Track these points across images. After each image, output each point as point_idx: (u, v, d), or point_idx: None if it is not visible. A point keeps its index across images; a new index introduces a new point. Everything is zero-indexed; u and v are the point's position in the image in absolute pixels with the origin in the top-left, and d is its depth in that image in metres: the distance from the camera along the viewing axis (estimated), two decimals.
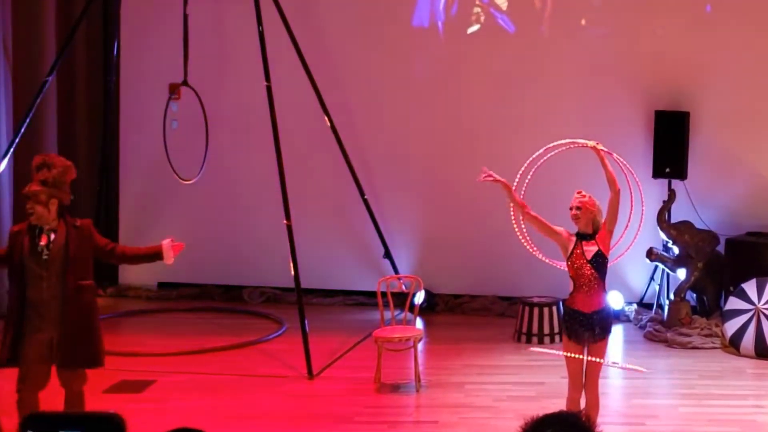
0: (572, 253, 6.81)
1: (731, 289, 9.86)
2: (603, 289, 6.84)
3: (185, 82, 9.73)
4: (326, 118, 10.31)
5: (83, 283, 6.62)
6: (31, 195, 6.62)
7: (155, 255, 6.84)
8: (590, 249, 6.79)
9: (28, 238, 6.61)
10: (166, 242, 6.82)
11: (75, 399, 6.70)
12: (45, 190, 6.59)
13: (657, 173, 10.33)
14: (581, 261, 6.78)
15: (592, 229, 6.85)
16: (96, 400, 7.46)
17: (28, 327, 6.55)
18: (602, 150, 7.03)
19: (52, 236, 6.58)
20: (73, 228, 6.62)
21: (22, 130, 9.81)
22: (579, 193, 6.94)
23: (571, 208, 6.87)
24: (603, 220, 6.89)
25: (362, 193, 10.52)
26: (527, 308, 9.87)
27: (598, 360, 6.75)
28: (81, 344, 6.62)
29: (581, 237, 6.84)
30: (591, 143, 7.10)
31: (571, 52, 10.74)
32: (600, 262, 6.80)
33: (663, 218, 10.13)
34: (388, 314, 8.70)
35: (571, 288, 6.89)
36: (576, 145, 7.24)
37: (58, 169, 6.66)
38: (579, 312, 6.80)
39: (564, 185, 8.61)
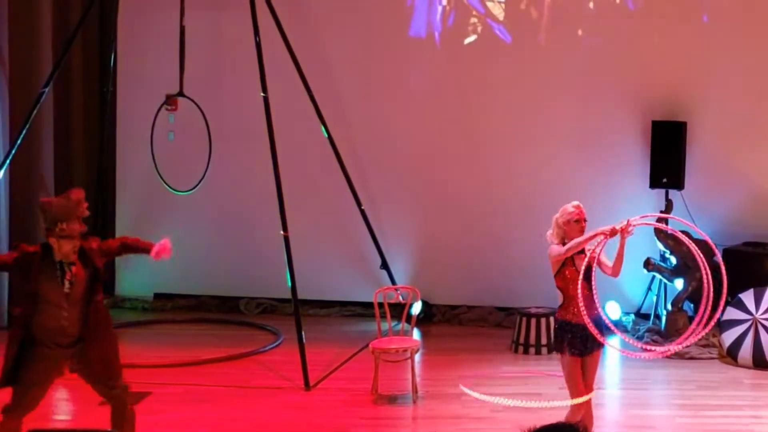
0: (564, 264, 6.78)
1: (729, 299, 9.85)
2: (593, 299, 6.81)
3: (181, 93, 9.73)
4: (323, 129, 10.31)
5: (99, 299, 6.53)
6: (76, 235, 6.39)
7: (146, 250, 6.71)
8: (581, 262, 6.77)
9: (44, 267, 6.36)
10: (161, 243, 6.65)
11: (124, 406, 6.61)
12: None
13: (654, 183, 10.33)
14: (574, 273, 6.76)
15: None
16: (92, 413, 7.44)
17: (35, 351, 6.37)
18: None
19: (73, 269, 6.40)
20: (88, 254, 6.45)
21: (19, 141, 9.81)
22: (579, 205, 6.89)
23: (578, 221, 6.81)
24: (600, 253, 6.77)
25: (359, 204, 10.52)
26: (524, 319, 9.85)
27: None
28: (115, 359, 6.56)
29: None
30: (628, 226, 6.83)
31: (568, 62, 10.74)
32: (589, 274, 6.77)
33: (660, 229, 10.12)
34: (385, 325, 8.68)
35: (560, 301, 6.87)
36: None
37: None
38: (570, 323, 6.79)
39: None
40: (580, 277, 6.66)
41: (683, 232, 7.22)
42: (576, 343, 6.77)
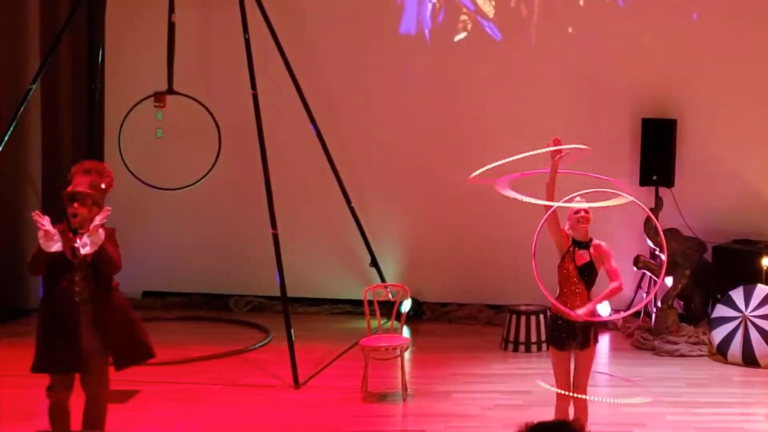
0: (564, 256, 6.76)
1: (718, 296, 9.87)
2: (588, 298, 6.78)
3: (170, 90, 9.70)
4: (312, 126, 10.27)
5: (113, 284, 6.62)
6: (78, 197, 6.46)
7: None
8: (582, 257, 6.74)
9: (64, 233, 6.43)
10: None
11: (101, 405, 6.63)
12: (93, 194, 6.52)
13: (644, 181, 10.33)
14: (571, 266, 6.74)
15: (588, 239, 6.80)
16: (79, 411, 7.38)
17: (56, 336, 6.43)
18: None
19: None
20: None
21: (6, 138, 9.75)
22: (581, 202, 6.88)
23: (577, 212, 6.78)
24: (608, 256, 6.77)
25: (349, 201, 10.49)
26: (514, 316, 9.84)
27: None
28: (126, 343, 6.66)
29: (576, 244, 6.79)
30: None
31: (558, 60, 10.74)
32: (588, 271, 6.74)
33: (650, 226, 10.12)
34: (374, 323, 8.66)
35: (557, 293, 6.85)
36: None
37: (110, 179, 6.66)
38: (562, 318, 6.77)
39: None
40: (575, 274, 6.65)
41: None
42: (563, 338, 6.75)
